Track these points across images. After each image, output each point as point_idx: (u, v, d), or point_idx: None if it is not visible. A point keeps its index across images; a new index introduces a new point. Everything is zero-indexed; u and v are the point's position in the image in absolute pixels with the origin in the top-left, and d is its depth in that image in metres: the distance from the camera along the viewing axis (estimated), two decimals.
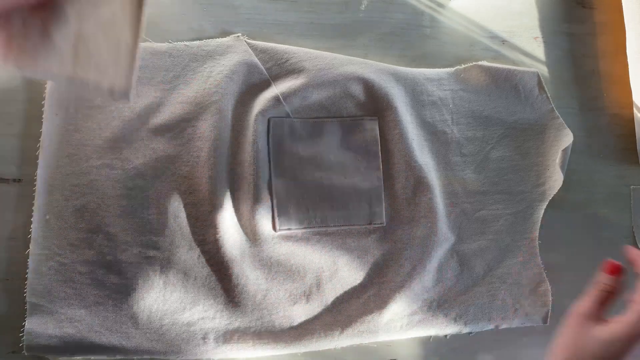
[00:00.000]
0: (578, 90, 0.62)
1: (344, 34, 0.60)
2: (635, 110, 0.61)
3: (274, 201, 0.54)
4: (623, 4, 0.62)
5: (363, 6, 0.61)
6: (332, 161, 0.55)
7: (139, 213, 0.52)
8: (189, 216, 0.52)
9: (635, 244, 0.59)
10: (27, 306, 0.49)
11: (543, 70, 0.62)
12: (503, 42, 0.62)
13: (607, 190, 0.60)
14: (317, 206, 0.54)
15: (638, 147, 0.60)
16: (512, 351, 0.56)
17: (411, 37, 0.61)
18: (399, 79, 0.58)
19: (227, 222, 0.52)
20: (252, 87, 0.55)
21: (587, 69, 0.63)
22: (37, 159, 0.51)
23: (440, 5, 0.62)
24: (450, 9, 0.62)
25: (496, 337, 0.56)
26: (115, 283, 0.50)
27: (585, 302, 0.42)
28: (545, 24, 0.63)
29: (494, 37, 0.62)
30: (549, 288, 0.55)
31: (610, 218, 0.60)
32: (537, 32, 0.63)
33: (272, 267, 0.52)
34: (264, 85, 0.55)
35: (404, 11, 0.61)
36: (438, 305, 0.54)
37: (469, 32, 0.62)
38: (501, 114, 0.59)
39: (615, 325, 0.39)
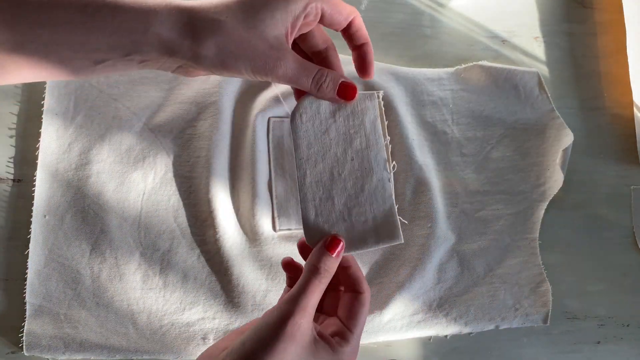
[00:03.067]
0: (578, 90, 0.62)
1: None
2: (635, 110, 0.61)
3: (274, 201, 0.54)
4: (623, 4, 0.62)
5: (363, 6, 0.61)
6: None
7: (138, 213, 0.52)
8: (189, 216, 0.52)
9: (635, 244, 0.59)
10: (27, 307, 0.49)
11: (543, 70, 0.62)
12: (503, 42, 0.62)
13: (607, 190, 0.60)
14: None
15: (638, 147, 0.60)
16: (512, 351, 0.56)
17: (411, 37, 0.61)
18: (399, 79, 0.58)
19: (227, 222, 0.52)
20: (252, 86, 0.55)
21: (587, 69, 0.63)
22: (37, 159, 0.51)
23: (440, 5, 0.62)
24: (450, 9, 0.62)
25: (496, 337, 0.56)
26: (115, 284, 0.50)
27: (301, 311, 0.33)
28: (545, 23, 0.63)
29: (494, 37, 0.62)
30: (549, 288, 0.55)
31: (611, 218, 0.60)
32: (537, 32, 0.63)
33: (272, 267, 0.52)
34: (264, 85, 0.55)
35: (404, 11, 0.61)
36: (438, 306, 0.54)
37: (469, 32, 0.62)
38: (501, 114, 0.59)
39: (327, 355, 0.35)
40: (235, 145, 0.54)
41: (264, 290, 0.52)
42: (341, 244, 0.36)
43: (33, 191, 0.51)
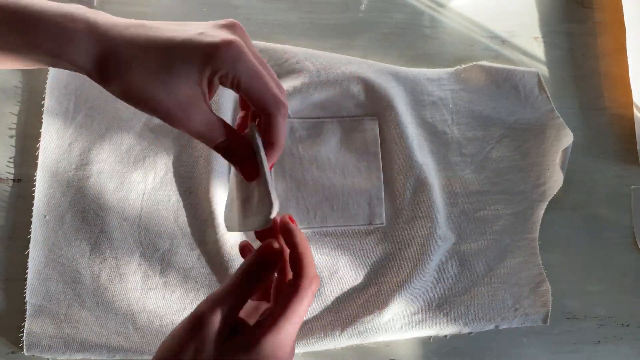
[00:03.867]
0: (578, 90, 0.62)
1: (344, 34, 0.60)
2: (635, 110, 0.61)
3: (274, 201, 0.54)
4: (623, 4, 0.62)
5: (363, 6, 0.61)
6: (332, 161, 0.55)
7: (138, 213, 0.52)
8: (189, 216, 0.52)
9: (635, 244, 0.59)
10: (27, 307, 0.49)
11: (543, 70, 0.62)
12: (503, 42, 0.62)
13: (607, 190, 0.60)
14: (317, 206, 0.54)
15: (638, 147, 0.60)
16: (512, 351, 0.56)
17: (411, 37, 0.61)
18: (399, 79, 0.58)
19: None
20: None
21: (587, 69, 0.63)
22: (37, 159, 0.51)
23: (440, 5, 0.62)
24: (450, 9, 0.62)
25: (496, 337, 0.56)
26: (115, 284, 0.50)
27: (213, 315, 0.31)
28: (545, 24, 0.63)
29: (494, 37, 0.62)
30: (549, 288, 0.55)
31: (610, 218, 0.60)
32: (537, 32, 0.63)
33: None
34: None
35: (404, 11, 0.61)
36: (438, 305, 0.54)
37: (469, 32, 0.62)
38: (501, 114, 0.59)
39: (239, 350, 0.30)
40: None
41: None
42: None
43: (33, 191, 0.51)
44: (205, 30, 0.31)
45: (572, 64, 0.63)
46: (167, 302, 0.51)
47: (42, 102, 0.52)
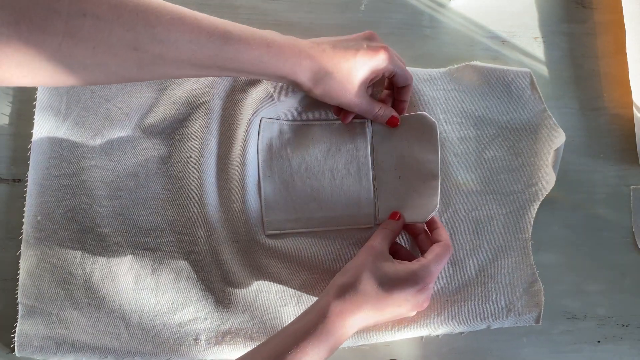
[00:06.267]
0: (578, 90, 0.62)
1: (344, 34, 0.59)
2: (635, 110, 0.61)
3: (263, 203, 0.53)
4: (623, 4, 0.62)
5: (363, 6, 0.61)
6: (321, 162, 0.55)
7: (130, 214, 0.52)
8: (180, 217, 0.52)
9: (635, 244, 0.59)
10: (19, 307, 0.49)
11: (543, 70, 0.62)
12: (503, 42, 0.62)
13: (607, 190, 0.60)
14: (305, 208, 0.54)
15: (638, 147, 0.60)
16: (512, 351, 0.56)
17: (411, 37, 0.61)
18: None
19: (217, 223, 0.52)
20: (243, 87, 0.55)
21: (587, 69, 0.63)
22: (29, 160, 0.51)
23: (440, 5, 0.62)
24: (450, 9, 0.62)
25: (496, 337, 0.56)
26: (107, 284, 0.50)
27: (378, 241, 0.50)
28: (545, 24, 0.63)
29: (494, 37, 0.62)
30: (542, 288, 0.55)
31: (610, 218, 0.60)
32: (537, 32, 0.63)
33: (262, 268, 0.52)
34: (255, 85, 0.55)
35: (404, 11, 0.61)
36: (431, 305, 0.54)
37: (469, 32, 0.62)
38: (494, 114, 0.59)
39: (401, 267, 0.48)
40: (226, 145, 0.54)
41: (255, 291, 0.52)
42: (398, 215, 0.53)
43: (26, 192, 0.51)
44: (364, 43, 0.49)
45: (571, 64, 0.63)
46: (158, 303, 0.51)
47: (34, 103, 0.52)
